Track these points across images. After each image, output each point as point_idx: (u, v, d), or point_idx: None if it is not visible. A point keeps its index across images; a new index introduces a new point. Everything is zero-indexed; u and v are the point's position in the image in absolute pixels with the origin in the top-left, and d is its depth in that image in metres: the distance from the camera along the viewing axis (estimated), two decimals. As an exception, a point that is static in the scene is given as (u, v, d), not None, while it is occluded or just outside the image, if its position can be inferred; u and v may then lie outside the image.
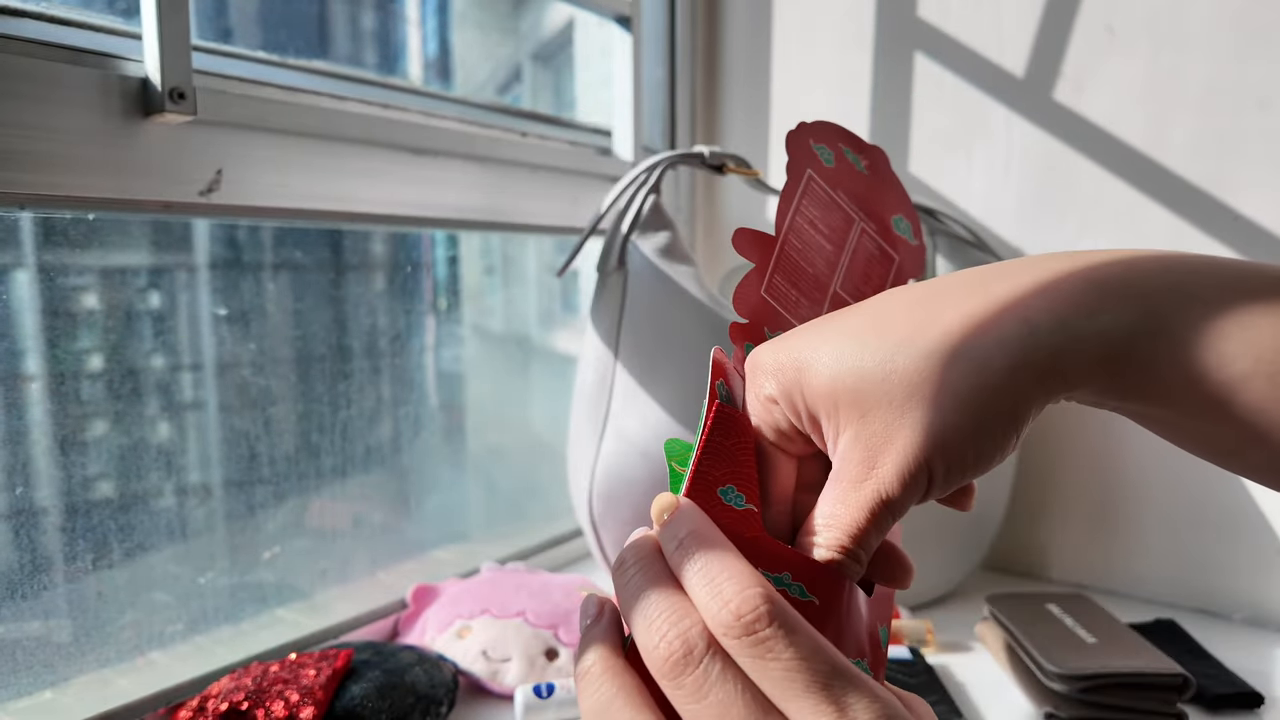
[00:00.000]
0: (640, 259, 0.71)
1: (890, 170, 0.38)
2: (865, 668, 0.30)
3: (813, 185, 0.35)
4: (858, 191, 0.37)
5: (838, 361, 0.29)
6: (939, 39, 0.88)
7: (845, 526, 0.28)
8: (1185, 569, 0.81)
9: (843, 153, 0.36)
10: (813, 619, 0.28)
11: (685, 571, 0.27)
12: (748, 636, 0.24)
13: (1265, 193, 0.74)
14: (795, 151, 0.35)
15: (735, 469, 0.30)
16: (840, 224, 0.36)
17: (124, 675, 0.61)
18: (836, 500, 0.29)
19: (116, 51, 0.53)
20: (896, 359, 0.28)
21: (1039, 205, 0.84)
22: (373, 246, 0.81)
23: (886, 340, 0.28)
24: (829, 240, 0.35)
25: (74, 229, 0.60)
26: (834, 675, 0.24)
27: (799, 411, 0.30)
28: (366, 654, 0.60)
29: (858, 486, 0.28)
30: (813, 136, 0.36)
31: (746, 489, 0.30)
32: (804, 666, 0.24)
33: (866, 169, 0.37)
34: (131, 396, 0.63)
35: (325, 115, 0.63)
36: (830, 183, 0.36)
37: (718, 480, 0.30)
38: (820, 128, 0.36)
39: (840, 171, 0.36)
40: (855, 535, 0.28)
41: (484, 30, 0.96)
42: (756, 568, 0.27)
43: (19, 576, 0.57)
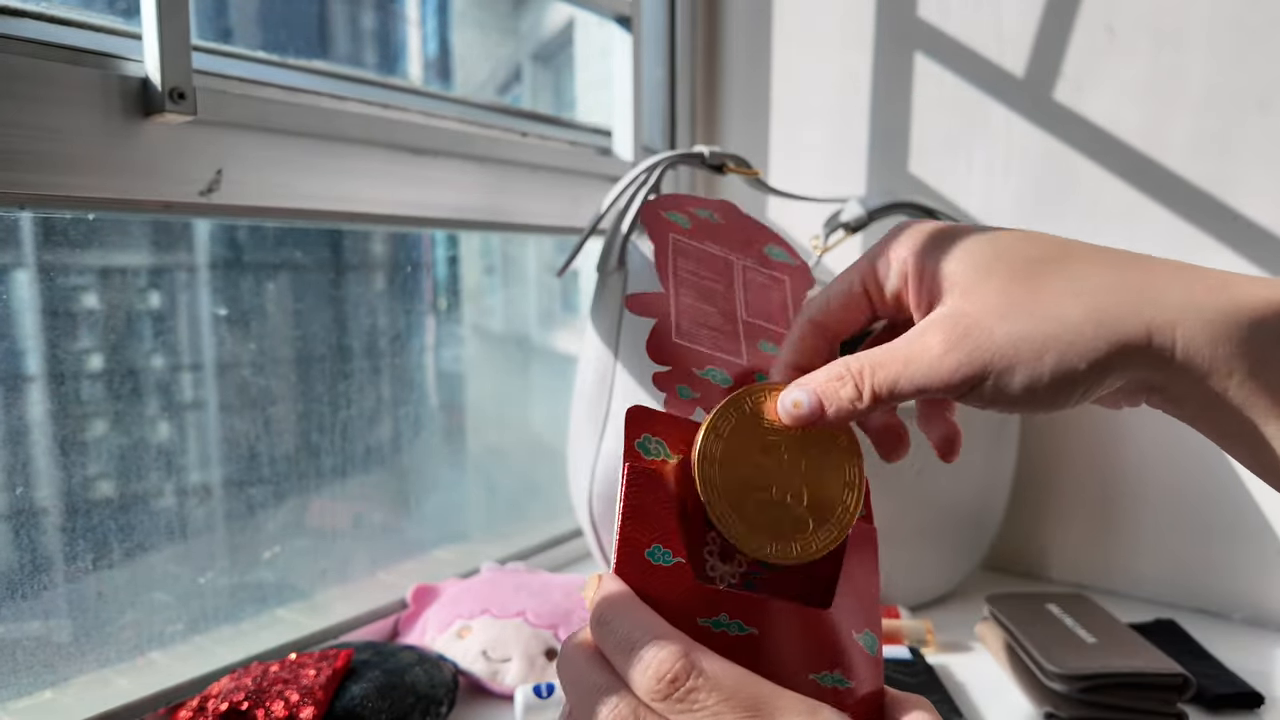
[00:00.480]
0: (640, 259, 0.71)
1: (743, 214, 0.43)
2: (840, 679, 0.31)
3: (680, 244, 0.40)
4: (722, 238, 0.41)
5: (993, 249, 0.32)
6: (939, 39, 0.88)
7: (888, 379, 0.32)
8: (1185, 569, 0.81)
9: (694, 213, 0.41)
10: (755, 650, 0.30)
11: (611, 650, 0.28)
12: (673, 694, 0.26)
13: (1266, 193, 0.74)
14: (652, 223, 0.39)
15: (659, 527, 0.31)
16: (721, 267, 0.40)
17: (124, 675, 0.61)
18: (896, 354, 0.32)
19: (116, 51, 0.53)
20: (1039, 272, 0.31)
21: (1039, 205, 0.84)
22: (373, 246, 0.81)
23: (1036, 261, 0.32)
24: (717, 282, 0.40)
25: (74, 229, 0.60)
26: (758, 705, 0.26)
27: (920, 272, 0.33)
28: (366, 654, 0.60)
29: (924, 351, 0.31)
30: (662, 208, 0.40)
31: (672, 544, 0.31)
32: (729, 705, 0.26)
33: (721, 219, 0.42)
34: (131, 396, 0.63)
35: (325, 115, 0.63)
36: (695, 238, 0.40)
37: (644, 543, 0.31)
38: (667, 200, 0.41)
39: (699, 228, 0.41)
40: (888, 389, 0.32)
41: (484, 30, 0.96)
42: (692, 618, 0.30)
43: (19, 576, 0.57)
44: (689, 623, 0.30)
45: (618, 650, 0.27)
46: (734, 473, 0.33)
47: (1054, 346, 0.30)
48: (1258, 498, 0.77)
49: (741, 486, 0.33)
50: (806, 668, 0.31)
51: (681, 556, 0.31)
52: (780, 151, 0.99)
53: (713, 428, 0.33)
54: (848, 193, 0.93)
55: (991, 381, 0.30)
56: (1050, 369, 0.30)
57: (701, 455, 0.33)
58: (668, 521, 0.31)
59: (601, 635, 0.28)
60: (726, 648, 0.29)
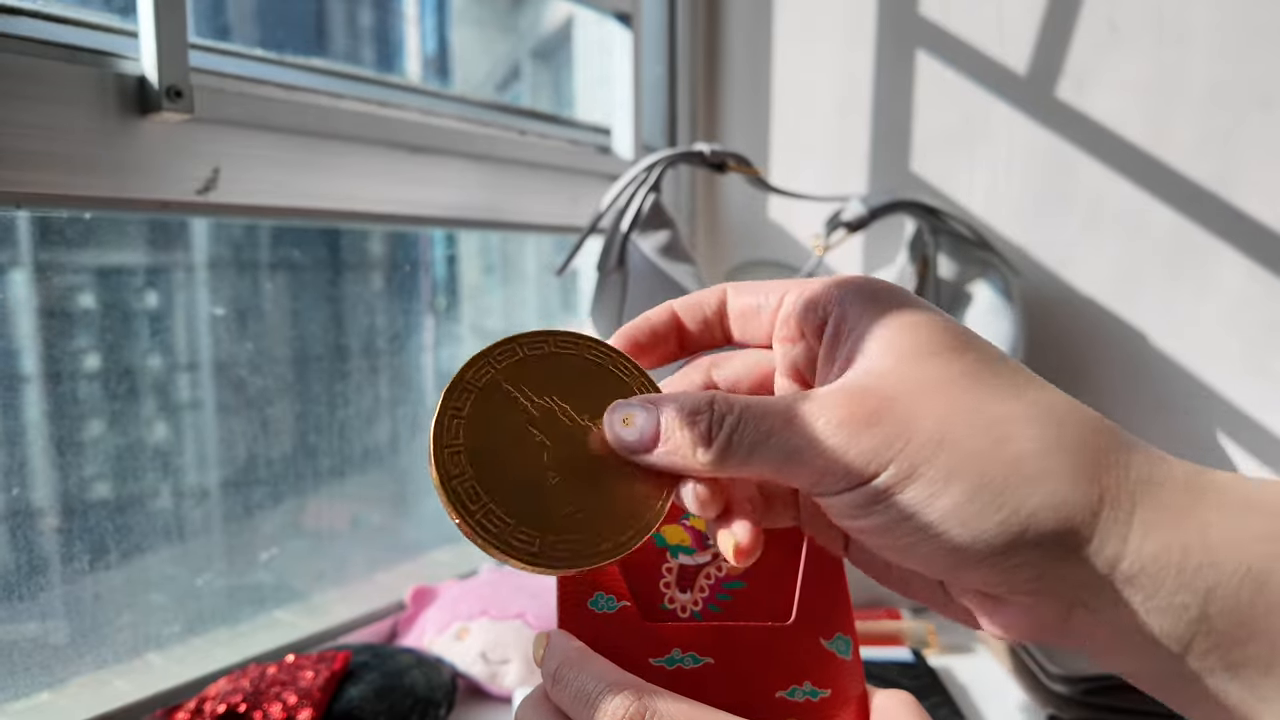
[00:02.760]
0: (640, 258, 0.70)
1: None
2: (811, 690, 0.31)
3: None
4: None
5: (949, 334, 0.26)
6: (940, 36, 0.88)
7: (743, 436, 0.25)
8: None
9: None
10: (715, 679, 0.30)
11: (564, 702, 0.28)
12: None
13: (1269, 191, 0.74)
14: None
15: (598, 574, 0.31)
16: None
17: (121, 677, 0.61)
18: (777, 409, 0.26)
19: (113, 50, 0.53)
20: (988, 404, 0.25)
21: (1041, 203, 0.84)
22: (371, 245, 0.81)
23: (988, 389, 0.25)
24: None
25: (70, 228, 0.59)
26: None
27: (844, 318, 0.27)
28: (365, 656, 0.60)
29: (815, 417, 0.25)
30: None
31: (615, 589, 0.31)
32: None
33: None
34: (128, 396, 0.63)
35: (323, 113, 0.63)
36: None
37: (585, 594, 0.30)
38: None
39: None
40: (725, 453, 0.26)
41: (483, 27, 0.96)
42: (644, 659, 0.29)
43: (16, 578, 0.57)
44: (642, 665, 0.29)
45: (574, 704, 0.27)
46: (490, 459, 0.27)
47: (1009, 481, 0.23)
48: (1261, 498, 0.76)
49: (499, 475, 0.27)
50: (773, 685, 0.30)
51: (626, 599, 0.30)
52: (781, 150, 0.99)
53: (451, 405, 0.28)
54: (849, 191, 0.92)
55: (885, 485, 0.24)
56: (988, 506, 0.23)
57: (438, 443, 0.27)
58: (607, 568, 0.30)
59: (556, 692, 0.28)
60: (686, 683, 0.29)
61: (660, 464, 0.27)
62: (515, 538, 0.26)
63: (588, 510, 0.27)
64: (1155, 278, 0.79)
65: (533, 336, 0.31)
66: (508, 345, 0.30)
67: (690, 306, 0.31)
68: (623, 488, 0.28)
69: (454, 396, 0.28)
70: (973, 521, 0.23)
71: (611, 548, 0.27)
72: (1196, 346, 0.78)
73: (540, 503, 0.27)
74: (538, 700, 0.29)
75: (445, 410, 0.28)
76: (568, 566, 0.27)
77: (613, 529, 0.27)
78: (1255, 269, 0.74)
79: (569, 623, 0.30)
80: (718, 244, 1.05)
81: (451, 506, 0.26)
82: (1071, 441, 0.24)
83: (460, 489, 0.27)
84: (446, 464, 0.27)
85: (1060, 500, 0.23)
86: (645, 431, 0.27)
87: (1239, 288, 0.75)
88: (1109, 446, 0.24)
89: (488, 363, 0.30)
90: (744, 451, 0.25)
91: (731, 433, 0.25)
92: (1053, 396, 0.26)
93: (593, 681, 0.27)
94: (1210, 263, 0.76)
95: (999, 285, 0.78)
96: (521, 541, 0.26)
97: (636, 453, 0.27)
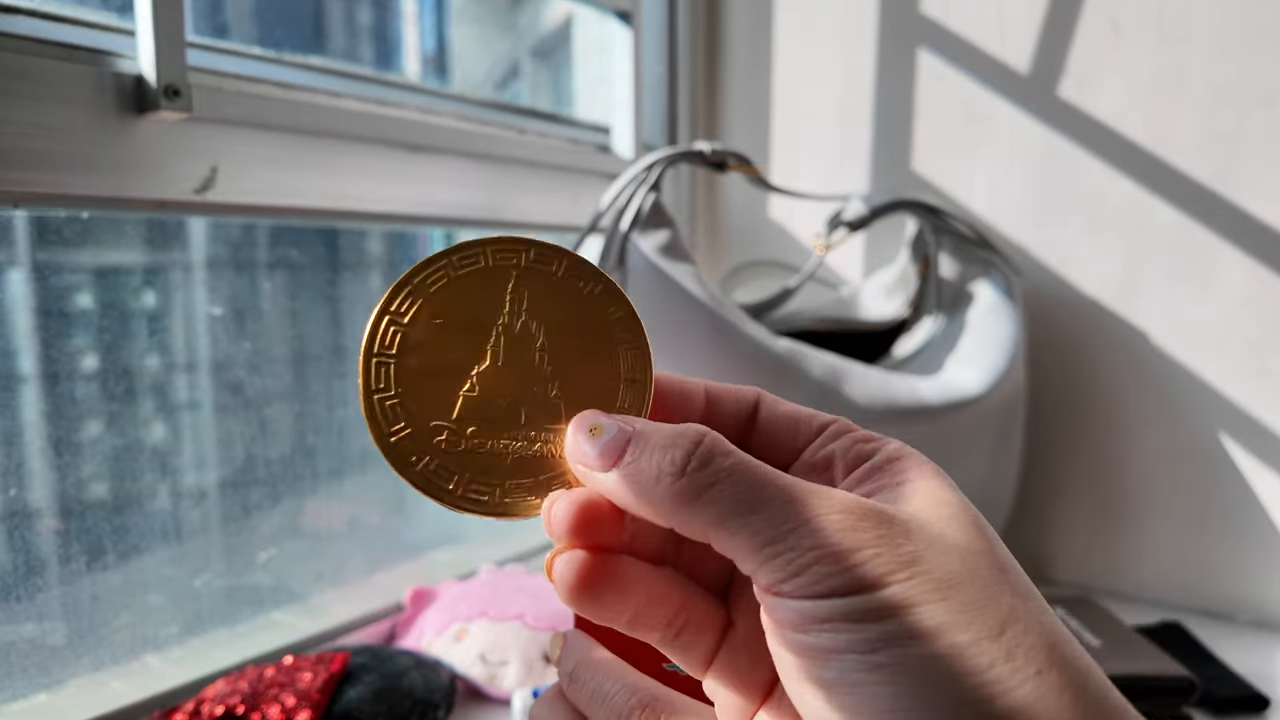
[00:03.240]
0: (640, 257, 0.70)
1: None
2: None
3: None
4: None
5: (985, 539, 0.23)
6: (942, 35, 0.87)
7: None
8: (1190, 571, 0.80)
9: None
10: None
11: (580, 698, 0.28)
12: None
13: (1271, 191, 0.73)
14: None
15: None
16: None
17: (119, 678, 0.61)
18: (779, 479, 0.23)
19: (111, 48, 0.53)
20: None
21: (1043, 203, 0.84)
22: (369, 245, 0.81)
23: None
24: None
25: (68, 227, 0.59)
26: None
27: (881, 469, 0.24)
28: (363, 657, 0.60)
29: (818, 493, 0.22)
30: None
31: None
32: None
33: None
34: (126, 397, 0.63)
35: (321, 112, 0.62)
36: None
37: None
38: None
39: None
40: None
41: (482, 26, 0.95)
42: (657, 663, 0.29)
43: (13, 579, 0.56)
44: (656, 669, 0.30)
45: (590, 702, 0.27)
46: (428, 379, 0.25)
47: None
48: (1263, 500, 0.76)
49: (440, 400, 0.25)
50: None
51: None
52: (782, 148, 0.99)
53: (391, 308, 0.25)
54: (850, 191, 0.92)
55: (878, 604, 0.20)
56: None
57: (369, 353, 0.24)
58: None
59: (573, 691, 0.28)
60: (696, 687, 0.29)
61: (612, 487, 0.23)
62: (397, 428, 0.24)
63: (470, 449, 0.25)
64: (1157, 277, 0.79)
65: (583, 266, 0.26)
66: (557, 254, 0.26)
67: (724, 397, 0.27)
68: (521, 454, 0.25)
69: (459, 253, 0.25)
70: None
71: (456, 495, 0.25)
72: (1198, 346, 0.78)
73: (434, 409, 0.25)
74: (553, 698, 0.29)
75: (424, 266, 0.25)
76: (411, 481, 0.24)
77: (481, 482, 0.25)
78: (1257, 268, 0.74)
79: (585, 622, 0.30)
80: (718, 244, 1.04)
81: (362, 374, 0.24)
82: (1072, 659, 0.21)
83: (377, 365, 0.24)
84: (378, 331, 0.25)
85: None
86: (611, 446, 0.23)
87: (1241, 287, 0.75)
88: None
89: (524, 252, 0.26)
90: (725, 501, 0.22)
91: (716, 472, 0.22)
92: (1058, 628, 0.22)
93: (609, 681, 0.27)
94: (1212, 262, 0.76)
95: (1000, 285, 0.78)
96: (399, 436, 0.24)
97: (590, 468, 0.24)
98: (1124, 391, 0.81)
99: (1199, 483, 0.78)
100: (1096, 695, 0.21)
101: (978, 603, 0.21)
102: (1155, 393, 0.79)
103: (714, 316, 0.68)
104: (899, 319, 0.84)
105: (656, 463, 0.22)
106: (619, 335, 0.26)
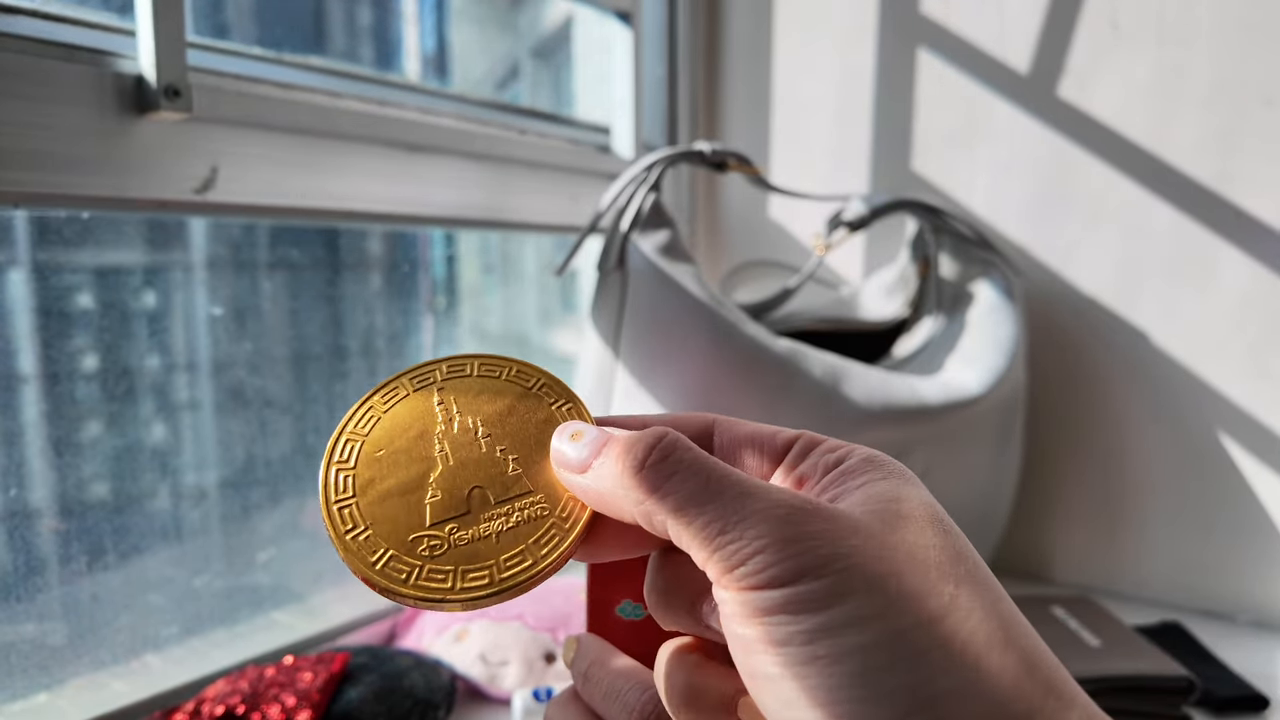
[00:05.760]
0: (640, 258, 0.70)
1: None
2: None
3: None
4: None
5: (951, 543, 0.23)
6: (942, 35, 0.87)
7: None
8: (1191, 571, 0.80)
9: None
10: None
11: (595, 698, 0.29)
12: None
13: (1271, 190, 0.73)
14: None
15: (627, 583, 0.32)
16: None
17: (119, 678, 0.61)
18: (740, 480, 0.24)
19: (111, 48, 0.53)
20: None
21: (1043, 202, 0.84)
22: (369, 245, 0.81)
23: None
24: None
25: (68, 228, 0.59)
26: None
27: (840, 476, 0.25)
28: (363, 658, 0.60)
29: (770, 490, 0.23)
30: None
31: (642, 597, 0.31)
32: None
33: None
34: (126, 397, 0.63)
35: (322, 112, 0.62)
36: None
37: (613, 601, 0.31)
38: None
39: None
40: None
41: (482, 26, 0.95)
42: None
43: (14, 579, 0.56)
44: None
45: (604, 701, 0.28)
46: (391, 503, 0.26)
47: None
48: (1263, 499, 0.76)
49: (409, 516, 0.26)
50: None
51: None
52: (782, 149, 0.99)
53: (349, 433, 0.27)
54: (850, 191, 0.92)
55: (810, 594, 0.21)
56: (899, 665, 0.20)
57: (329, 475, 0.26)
58: (636, 576, 0.31)
59: (588, 690, 0.29)
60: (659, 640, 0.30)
61: (586, 486, 0.25)
62: (363, 541, 0.25)
63: (454, 547, 0.25)
64: (1157, 277, 0.79)
65: (494, 360, 0.29)
66: (465, 360, 0.29)
67: (677, 425, 0.27)
68: (506, 533, 0.26)
69: (386, 388, 0.28)
70: (875, 679, 0.20)
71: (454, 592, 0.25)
72: (1198, 346, 0.78)
73: (404, 520, 0.25)
74: (567, 700, 0.30)
75: (367, 399, 0.28)
76: (399, 595, 0.24)
77: (471, 573, 0.25)
78: (1257, 268, 0.74)
79: (597, 627, 0.32)
80: (718, 244, 1.04)
81: (321, 487, 0.26)
82: (1023, 643, 0.21)
83: (337, 473, 0.26)
84: (336, 448, 0.27)
85: (998, 700, 0.20)
86: (589, 448, 0.25)
87: (1241, 287, 0.75)
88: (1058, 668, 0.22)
89: (438, 370, 0.29)
90: (683, 492, 0.23)
91: (675, 464, 0.23)
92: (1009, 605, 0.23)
93: (622, 680, 0.28)
94: (1212, 262, 0.76)
95: (1000, 285, 0.78)
96: (365, 550, 0.25)
97: (570, 469, 0.25)
98: (1124, 391, 0.81)
99: (1199, 483, 0.79)
100: (1046, 681, 0.21)
101: (917, 592, 0.21)
102: (1155, 393, 0.79)
103: (714, 316, 0.68)
104: (899, 319, 0.84)
105: (622, 460, 0.24)
106: (548, 399, 0.28)
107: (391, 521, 0.25)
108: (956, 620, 0.21)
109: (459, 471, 0.26)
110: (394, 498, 0.26)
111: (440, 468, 0.26)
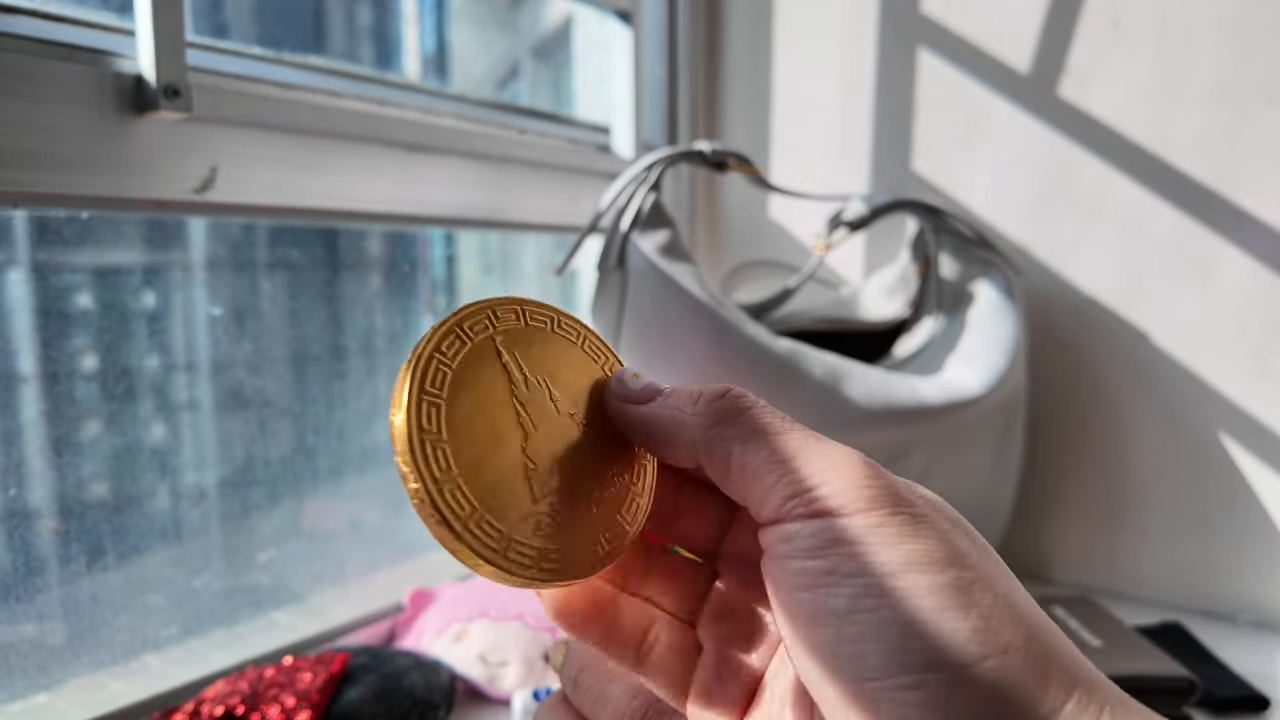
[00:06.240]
0: (640, 258, 0.70)
1: None
2: None
3: None
4: None
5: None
6: (942, 34, 0.87)
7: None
8: (1191, 571, 0.80)
9: None
10: None
11: (584, 705, 0.29)
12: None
13: (1271, 190, 0.73)
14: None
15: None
16: None
17: (118, 679, 0.61)
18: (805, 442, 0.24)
19: (110, 48, 0.53)
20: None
21: (1043, 202, 0.84)
22: (369, 245, 0.81)
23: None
24: None
25: (68, 227, 0.59)
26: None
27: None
28: (363, 658, 0.60)
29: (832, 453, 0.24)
30: None
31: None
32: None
33: None
34: (126, 397, 0.63)
35: (321, 112, 0.62)
36: None
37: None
38: None
39: None
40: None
41: (482, 26, 0.95)
42: None
43: (13, 579, 0.56)
44: None
45: (594, 707, 0.29)
46: (466, 428, 0.24)
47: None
48: (1264, 499, 0.76)
49: (472, 449, 0.23)
50: None
51: None
52: (782, 148, 0.99)
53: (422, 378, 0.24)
54: (850, 190, 0.92)
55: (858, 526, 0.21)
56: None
57: (418, 385, 0.23)
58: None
59: (578, 696, 0.29)
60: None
61: (644, 416, 0.25)
62: (479, 527, 0.23)
63: (560, 521, 0.24)
64: (1157, 277, 0.79)
65: (539, 307, 0.27)
66: (512, 305, 0.26)
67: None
68: (597, 502, 0.26)
69: (445, 340, 0.24)
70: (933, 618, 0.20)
71: (570, 568, 0.24)
72: (1198, 346, 0.78)
73: (511, 497, 0.23)
74: (555, 704, 0.30)
75: (432, 353, 0.24)
76: (523, 578, 0.23)
77: (580, 547, 0.24)
78: (1258, 268, 0.74)
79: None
80: (718, 244, 1.04)
81: (414, 467, 0.22)
82: (1038, 623, 0.22)
83: (431, 447, 0.23)
84: (420, 414, 0.23)
85: (1012, 666, 0.20)
86: (650, 386, 0.26)
87: (1241, 287, 0.75)
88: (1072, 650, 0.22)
89: (488, 318, 0.26)
90: (755, 423, 0.23)
91: (750, 403, 0.24)
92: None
93: (613, 685, 0.28)
94: (1212, 262, 0.76)
95: (1001, 285, 0.78)
96: (483, 534, 0.23)
97: (633, 401, 0.26)
98: (1124, 391, 0.81)
99: (1199, 483, 0.78)
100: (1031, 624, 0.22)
101: (986, 547, 0.23)
102: (1155, 393, 0.79)
103: (714, 317, 0.68)
104: (899, 319, 0.84)
105: (692, 392, 0.25)
106: (595, 358, 0.28)
107: (499, 501, 0.23)
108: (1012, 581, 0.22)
109: (544, 443, 0.25)
110: (493, 473, 0.23)
111: (527, 435, 0.25)
